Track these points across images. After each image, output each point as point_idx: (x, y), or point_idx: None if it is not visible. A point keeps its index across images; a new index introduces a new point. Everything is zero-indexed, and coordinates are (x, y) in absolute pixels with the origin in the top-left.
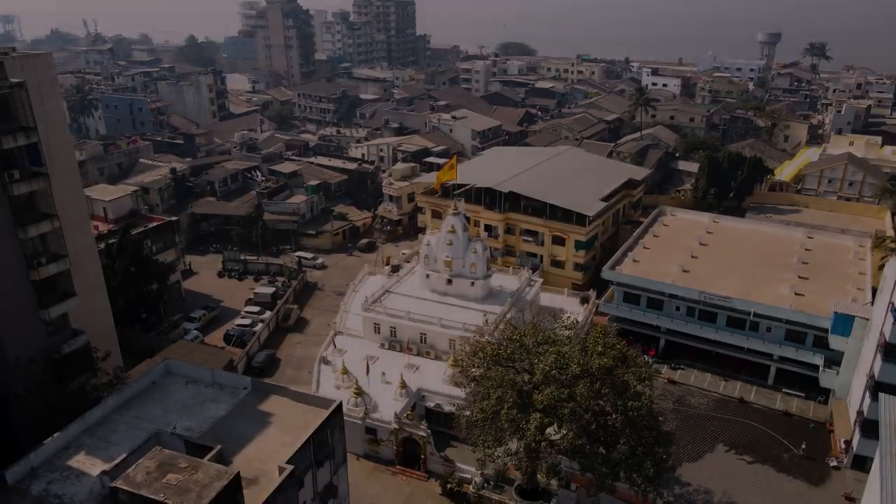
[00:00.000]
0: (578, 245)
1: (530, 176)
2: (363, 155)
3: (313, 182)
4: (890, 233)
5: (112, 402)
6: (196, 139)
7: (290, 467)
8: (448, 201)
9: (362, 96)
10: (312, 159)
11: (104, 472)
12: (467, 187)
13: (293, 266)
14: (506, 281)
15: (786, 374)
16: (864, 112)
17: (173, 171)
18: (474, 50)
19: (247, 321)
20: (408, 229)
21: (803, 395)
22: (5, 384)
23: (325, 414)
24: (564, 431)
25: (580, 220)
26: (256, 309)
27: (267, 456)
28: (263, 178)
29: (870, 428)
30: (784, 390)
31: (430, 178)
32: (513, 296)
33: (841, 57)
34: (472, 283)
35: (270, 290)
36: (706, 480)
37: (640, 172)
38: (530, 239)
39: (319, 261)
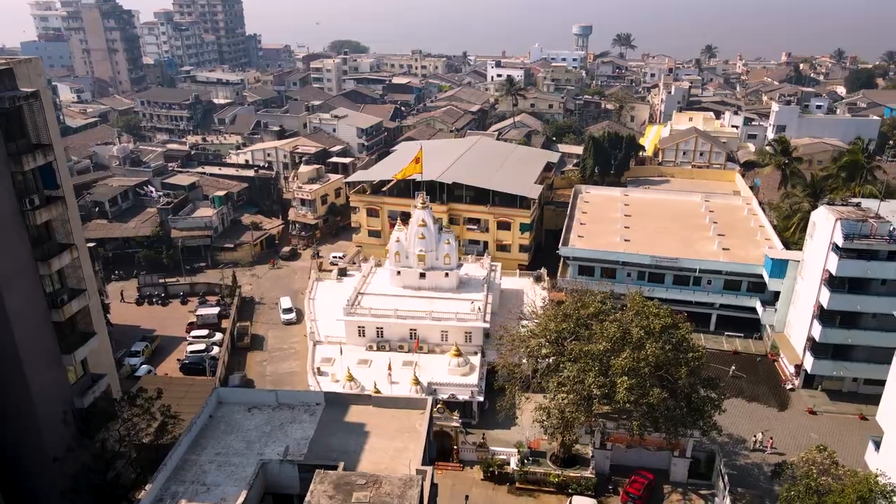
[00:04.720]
0: (523, 227)
1: (461, 166)
2: (247, 161)
3: (219, 192)
4: (745, 192)
5: (183, 443)
6: None
7: (428, 469)
8: (383, 198)
9: (215, 101)
10: (202, 169)
11: None
12: (390, 184)
13: (227, 282)
14: (468, 269)
15: (722, 318)
16: (687, 92)
17: None
18: (299, 50)
19: (199, 346)
20: (325, 232)
21: (742, 335)
22: (38, 446)
23: (424, 414)
24: (653, 389)
25: (524, 203)
26: (204, 332)
27: (388, 464)
28: (160, 193)
29: (820, 350)
30: (726, 333)
31: (361, 178)
32: (485, 281)
33: (642, 46)
34: (447, 275)
35: (215, 310)
36: None
37: (553, 156)
38: (474, 227)
39: (293, 315)
